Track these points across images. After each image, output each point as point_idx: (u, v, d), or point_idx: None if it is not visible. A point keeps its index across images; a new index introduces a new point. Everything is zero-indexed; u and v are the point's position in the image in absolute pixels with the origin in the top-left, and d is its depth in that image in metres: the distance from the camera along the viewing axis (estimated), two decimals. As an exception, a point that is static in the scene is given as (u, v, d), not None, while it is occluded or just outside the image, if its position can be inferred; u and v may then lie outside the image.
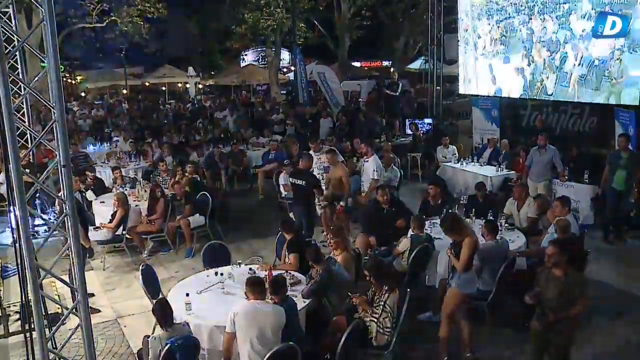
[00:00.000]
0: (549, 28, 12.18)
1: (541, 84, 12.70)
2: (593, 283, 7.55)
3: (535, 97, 13.21)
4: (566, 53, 11.79)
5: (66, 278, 5.59)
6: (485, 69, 14.49)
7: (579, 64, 11.55)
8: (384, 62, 37.42)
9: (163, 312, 4.98)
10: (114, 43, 28.59)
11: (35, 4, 3.10)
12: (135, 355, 5.82)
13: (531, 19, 12.68)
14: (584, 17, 11.19)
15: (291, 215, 10.04)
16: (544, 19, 12.28)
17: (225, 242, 8.15)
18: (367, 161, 9.74)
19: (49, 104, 3.26)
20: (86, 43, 28.14)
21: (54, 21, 3.13)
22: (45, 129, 3.48)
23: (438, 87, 17.85)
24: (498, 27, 13.77)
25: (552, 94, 12.50)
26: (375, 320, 5.45)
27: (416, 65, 31.32)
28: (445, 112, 18.46)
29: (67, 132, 3.38)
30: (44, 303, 3.46)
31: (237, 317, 4.92)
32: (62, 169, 3.37)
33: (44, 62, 3.30)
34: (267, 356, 4.70)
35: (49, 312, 6.20)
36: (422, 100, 20.55)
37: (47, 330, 3.51)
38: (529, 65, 12.99)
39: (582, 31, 11.31)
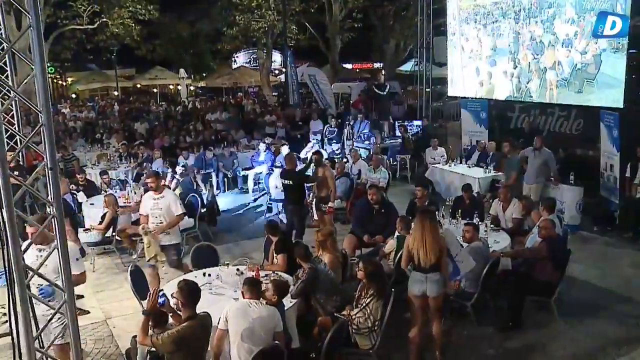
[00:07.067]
0: (535, 32, 12.41)
1: (526, 87, 12.91)
2: (575, 281, 7.74)
3: (520, 100, 13.40)
4: (550, 56, 12.03)
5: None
6: (472, 71, 14.66)
7: (562, 67, 11.80)
8: (375, 64, 37.53)
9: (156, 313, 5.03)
10: (105, 45, 28.53)
11: (23, 10, 3.15)
12: (124, 355, 5.88)
13: (517, 22, 12.88)
14: (568, 22, 11.46)
15: (281, 217, 10.17)
16: (530, 23, 12.49)
17: (215, 244, 8.21)
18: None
19: (36, 108, 3.31)
20: (77, 44, 28.07)
21: (40, 27, 3.17)
22: (33, 132, 3.54)
23: (428, 89, 17.97)
24: (485, 30, 13.95)
25: (536, 97, 12.72)
26: (353, 318, 5.54)
27: (407, 67, 31.48)
28: (436, 114, 18.59)
29: (54, 135, 3.44)
30: (31, 304, 3.50)
31: (229, 313, 5.00)
32: (49, 171, 3.43)
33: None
34: (254, 354, 4.77)
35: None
36: (413, 103, 20.68)
37: (34, 330, 3.56)
38: (514, 68, 13.17)
39: (566, 35, 11.58)
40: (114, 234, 9.10)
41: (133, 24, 25.13)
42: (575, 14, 11.24)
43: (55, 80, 39.79)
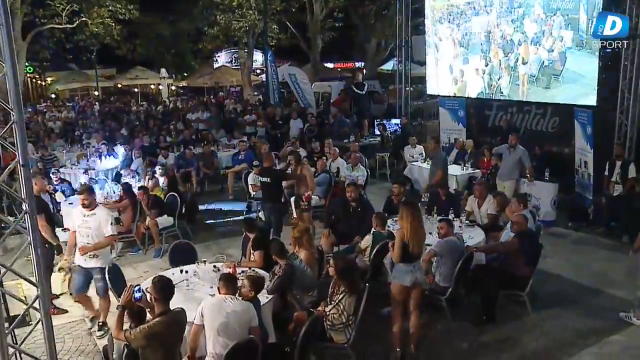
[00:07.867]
0: (505, 31, 12.70)
1: (497, 83, 13.16)
2: (548, 275, 7.91)
3: (491, 97, 13.64)
4: (519, 54, 12.36)
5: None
6: (446, 69, 14.86)
7: (530, 64, 12.15)
8: (356, 63, 37.63)
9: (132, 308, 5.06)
10: (84, 44, 28.25)
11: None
12: (101, 353, 5.90)
13: (489, 22, 13.12)
14: (536, 21, 11.80)
15: (261, 214, 10.23)
16: (501, 22, 12.79)
17: (195, 242, 8.25)
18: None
19: (7, 106, 3.35)
20: (56, 44, 27.75)
21: (10, 25, 3.20)
22: (4, 130, 3.57)
23: (408, 88, 18.08)
24: (458, 29, 14.17)
25: (507, 93, 13.01)
26: (327, 314, 5.62)
27: (389, 66, 31.59)
28: (416, 112, 18.71)
29: (25, 133, 3.47)
30: (5, 301, 3.54)
31: (204, 309, 5.06)
32: (21, 168, 3.47)
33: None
34: (228, 348, 4.83)
35: (16, 314, 6.24)
36: (394, 102, 20.78)
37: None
38: (486, 65, 13.43)
39: (534, 34, 11.92)
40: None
41: (113, 24, 24.87)
42: (543, 14, 11.60)
43: (34, 80, 39.42)
